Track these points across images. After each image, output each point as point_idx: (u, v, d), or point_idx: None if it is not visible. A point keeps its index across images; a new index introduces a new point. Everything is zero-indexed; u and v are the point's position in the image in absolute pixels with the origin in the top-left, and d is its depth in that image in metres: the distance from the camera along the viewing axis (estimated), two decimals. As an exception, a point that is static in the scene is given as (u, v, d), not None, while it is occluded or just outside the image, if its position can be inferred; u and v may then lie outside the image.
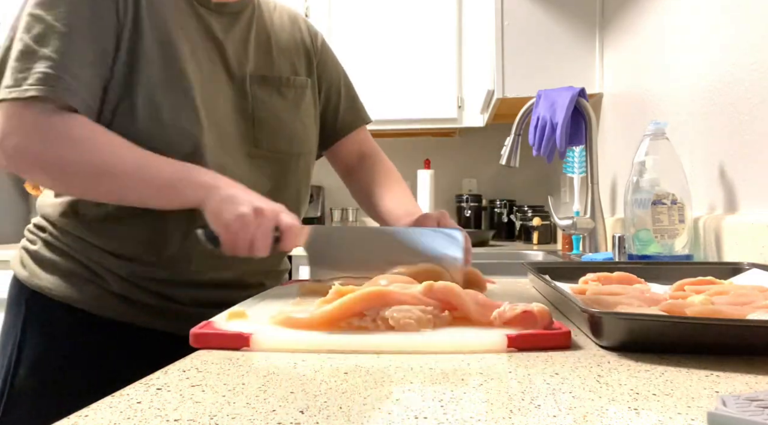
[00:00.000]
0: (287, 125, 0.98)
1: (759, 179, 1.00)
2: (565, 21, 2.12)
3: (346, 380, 0.44)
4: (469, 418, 0.35)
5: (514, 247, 2.52)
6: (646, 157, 1.14)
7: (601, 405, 0.38)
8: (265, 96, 0.96)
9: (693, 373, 0.45)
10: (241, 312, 0.63)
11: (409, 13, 2.81)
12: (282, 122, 0.97)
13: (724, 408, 0.33)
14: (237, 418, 0.36)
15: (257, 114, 0.95)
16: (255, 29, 0.98)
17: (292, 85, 1.00)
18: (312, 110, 1.04)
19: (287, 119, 0.98)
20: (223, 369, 0.47)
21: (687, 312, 0.56)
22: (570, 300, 0.59)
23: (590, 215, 1.60)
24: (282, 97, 0.98)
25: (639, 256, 1.13)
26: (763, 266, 0.82)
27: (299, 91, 1.01)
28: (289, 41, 1.04)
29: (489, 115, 2.53)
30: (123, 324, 0.88)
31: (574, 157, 2.14)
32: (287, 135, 0.98)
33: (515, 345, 0.52)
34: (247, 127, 0.94)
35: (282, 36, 1.03)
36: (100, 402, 0.39)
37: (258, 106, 0.95)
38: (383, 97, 2.81)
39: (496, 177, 3.12)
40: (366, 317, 0.57)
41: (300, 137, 1.00)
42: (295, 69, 1.02)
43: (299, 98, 1.01)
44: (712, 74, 1.16)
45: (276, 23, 1.03)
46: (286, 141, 0.97)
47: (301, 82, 1.02)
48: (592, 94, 2.02)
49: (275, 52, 1.00)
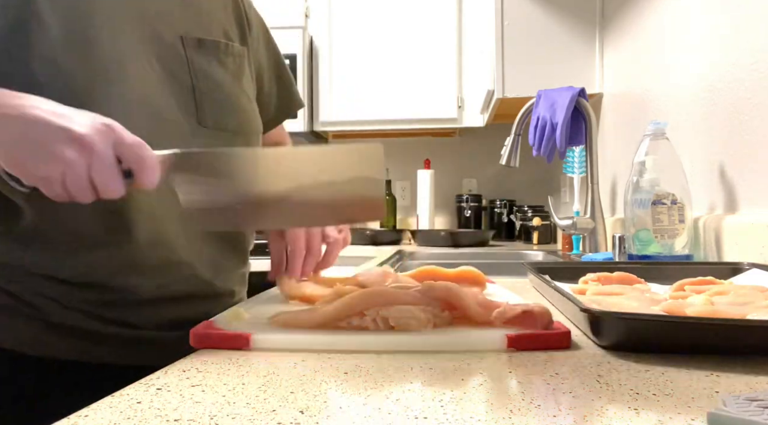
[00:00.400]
0: (232, 99, 0.83)
1: (759, 179, 1.00)
2: (565, 21, 2.12)
3: (346, 380, 0.44)
4: (469, 418, 0.35)
5: (514, 247, 2.52)
6: (646, 157, 1.14)
7: (601, 405, 0.38)
8: (204, 63, 0.80)
9: (693, 373, 0.45)
10: (241, 312, 0.63)
11: (409, 14, 2.81)
12: (226, 95, 0.82)
13: (724, 408, 0.33)
14: (237, 418, 0.36)
15: (198, 85, 0.79)
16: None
17: (230, 52, 0.84)
18: (251, 84, 0.89)
19: (231, 92, 0.83)
20: (223, 369, 0.47)
21: (687, 312, 0.56)
22: (570, 300, 0.59)
23: (590, 215, 1.60)
24: (222, 65, 0.82)
25: (639, 256, 1.13)
26: (763, 266, 0.82)
27: (238, 61, 0.85)
28: (216, 1, 0.87)
29: (489, 115, 2.53)
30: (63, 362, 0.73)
31: (574, 157, 2.14)
32: (232, 109, 0.82)
33: (515, 345, 0.52)
34: (186, 101, 0.77)
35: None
36: (100, 402, 0.39)
37: (198, 75, 0.79)
38: (383, 97, 2.81)
39: (496, 177, 3.12)
40: (366, 317, 0.57)
41: (248, 113, 0.86)
42: (228, 35, 0.86)
43: (239, 69, 0.85)
44: (712, 74, 1.16)
45: None
46: (233, 117, 0.82)
47: (239, 50, 0.86)
48: (592, 94, 2.02)
49: (204, 12, 0.83)
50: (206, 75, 0.80)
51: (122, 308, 0.74)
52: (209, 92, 0.80)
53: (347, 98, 2.83)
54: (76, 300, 0.72)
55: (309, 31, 2.85)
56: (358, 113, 2.83)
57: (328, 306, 0.57)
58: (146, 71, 0.74)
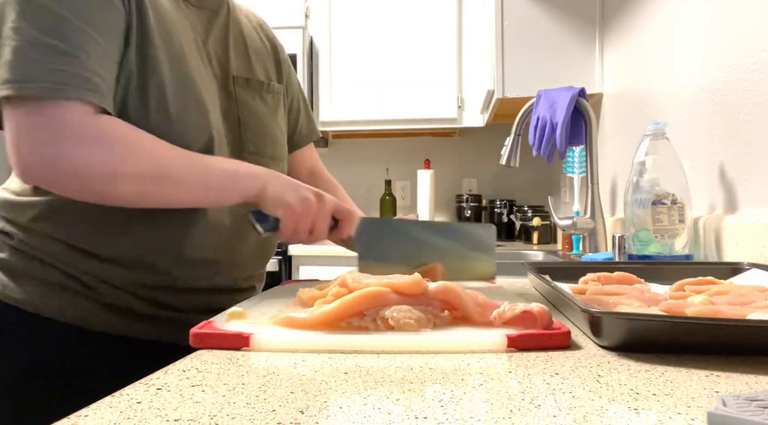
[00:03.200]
0: (269, 130, 0.97)
1: (759, 179, 1.00)
2: (565, 21, 2.12)
3: (346, 380, 0.44)
4: (469, 418, 0.35)
5: (514, 247, 2.52)
6: (646, 157, 1.14)
7: (601, 405, 0.38)
8: (249, 99, 0.94)
9: (693, 373, 0.45)
10: (241, 312, 0.63)
11: (409, 14, 2.81)
12: (265, 126, 0.96)
13: (724, 408, 0.33)
14: (237, 418, 0.36)
15: (243, 118, 0.92)
16: (232, 30, 0.95)
17: (270, 90, 0.99)
18: (285, 117, 1.05)
19: (268, 123, 0.97)
20: (223, 369, 0.47)
21: (687, 312, 0.56)
22: (570, 300, 0.59)
23: (590, 215, 1.60)
24: (263, 101, 0.97)
25: (639, 256, 1.13)
26: (763, 266, 0.82)
27: (276, 97, 1.01)
28: (261, 46, 1.02)
29: (489, 115, 2.53)
30: (112, 336, 0.82)
31: (574, 157, 2.14)
32: (270, 140, 0.97)
33: (515, 345, 0.52)
34: (232, 130, 0.91)
35: (254, 39, 1.01)
36: (99, 402, 0.39)
37: (243, 109, 0.93)
38: (383, 97, 2.81)
39: (496, 177, 3.12)
40: (366, 317, 0.57)
41: (280, 141, 1.00)
42: (269, 75, 1.02)
43: (276, 104, 1.01)
44: (712, 74, 1.16)
45: (247, 26, 1.00)
46: (270, 146, 0.96)
47: (277, 88, 1.02)
48: (592, 94, 2.02)
49: (252, 55, 0.98)
50: (250, 110, 0.94)
51: (165, 292, 0.84)
52: (252, 124, 0.94)
53: (347, 98, 2.83)
54: (125, 282, 0.82)
55: (309, 31, 2.85)
56: (358, 112, 2.83)
57: (328, 306, 0.57)
58: (214, 105, 0.87)
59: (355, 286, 0.62)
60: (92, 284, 0.81)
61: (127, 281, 0.82)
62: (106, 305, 0.81)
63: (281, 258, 2.46)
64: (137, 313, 0.83)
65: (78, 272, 0.80)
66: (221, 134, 0.88)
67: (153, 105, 0.78)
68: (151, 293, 0.83)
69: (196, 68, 0.85)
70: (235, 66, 0.94)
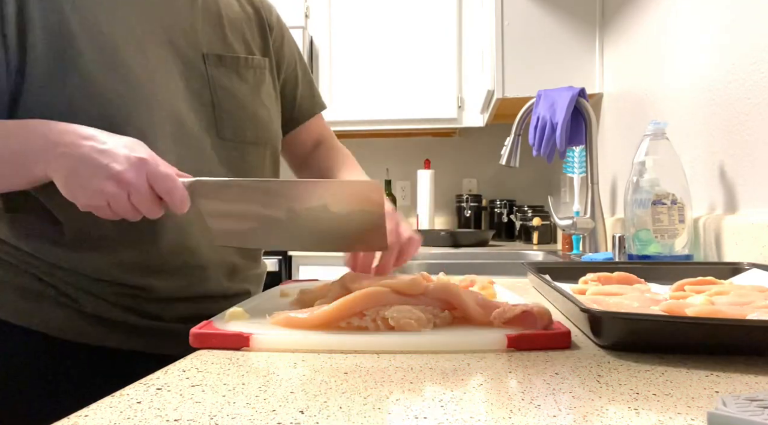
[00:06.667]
0: (250, 111, 0.87)
1: (759, 179, 1.00)
2: (565, 21, 2.12)
3: (346, 380, 0.44)
4: (469, 418, 0.35)
5: (514, 247, 2.52)
6: (646, 157, 1.14)
7: (601, 405, 0.38)
8: (224, 79, 0.84)
9: (693, 373, 0.45)
10: (240, 312, 0.63)
11: (409, 14, 2.81)
12: (245, 108, 0.86)
13: (724, 408, 0.33)
14: (237, 418, 0.36)
15: (216, 100, 0.83)
16: (201, 1, 0.85)
17: (251, 65, 0.89)
18: (273, 93, 0.94)
19: (249, 104, 0.87)
20: (223, 369, 0.47)
21: (687, 312, 0.56)
22: (570, 300, 0.59)
23: (590, 215, 1.60)
24: (242, 79, 0.87)
25: (639, 256, 1.13)
26: (763, 266, 0.82)
27: (258, 73, 0.90)
28: (239, 14, 0.91)
29: (489, 115, 2.53)
30: (93, 347, 0.77)
31: (574, 157, 2.14)
32: (252, 123, 0.87)
33: (515, 345, 0.53)
34: (206, 114, 0.82)
35: (232, 8, 0.90)
36: (99, 402, 0.39)
37: (217, 90, 0.83)
38: (383, 97, 2.81)
39: (496, 177, 3.12)
40: (366, 317, 0.57)
41: (265, 123, 0.90)
42: (250, 48, 0.90)
43: (260, 81, 0.90)
44: (712, 74, 1.16)
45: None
46: (251, 129, 0.87)
47: (259, 62, 0.90)
48: (592, 94, 2.02)
49: (227, 26, 0.87)
50: (225, 90, 0.85)
51: (147, 303, 0.79)
52: (228, 107, 0.84)
53: (347, 98, 2.83)
54: (105, 293, 0.77)
55: (309, 31, 2.85)
56: (358, 112, 2.83)
57: (328, 306, 0.57)
58: (172, 89, 0.79)
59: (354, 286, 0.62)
60: (73, 294, 0.76)
61: (106, 292, 0.77)
62: (87, 315, 0.77)
63: (281, 258, 2.47)
64: (119, 323, 0.78)
65: (59, 282, 0.76)
66: (184, 123, 0.79)
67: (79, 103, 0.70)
68: (131, 302, 0.78)
69: (139, 53, 0.75)
70: (206, 42, 0.84)
